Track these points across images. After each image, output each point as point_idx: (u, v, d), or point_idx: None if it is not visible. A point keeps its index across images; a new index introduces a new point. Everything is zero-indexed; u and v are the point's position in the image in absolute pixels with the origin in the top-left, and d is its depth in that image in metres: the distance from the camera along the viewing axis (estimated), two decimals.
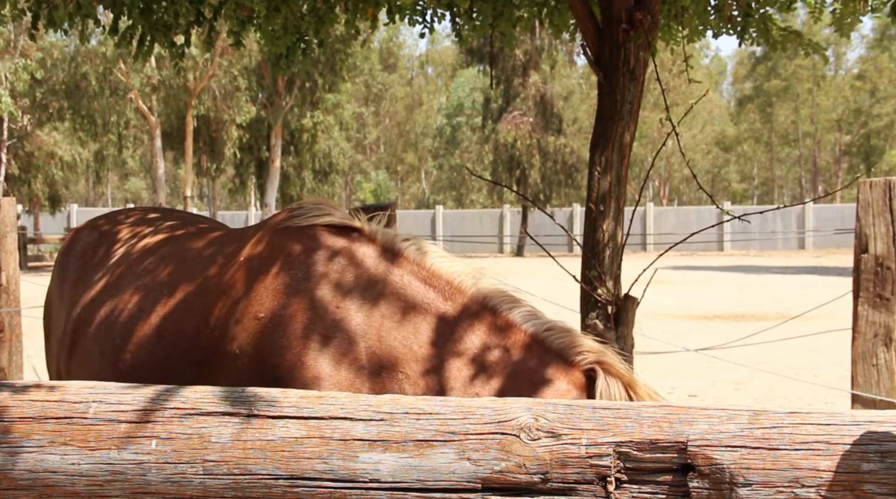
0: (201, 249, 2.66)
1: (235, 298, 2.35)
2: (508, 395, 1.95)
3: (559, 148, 36.30)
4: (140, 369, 2.39)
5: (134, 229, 3.07)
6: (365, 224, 2.44)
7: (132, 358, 2.47)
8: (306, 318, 2.22)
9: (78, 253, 3.11)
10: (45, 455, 1.63)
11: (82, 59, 30.40)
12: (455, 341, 2.16)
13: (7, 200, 5.43)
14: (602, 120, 3.89)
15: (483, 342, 2.16)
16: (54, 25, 4.57)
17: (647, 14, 3.75)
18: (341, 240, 2.38)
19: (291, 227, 2.45)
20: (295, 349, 2.19)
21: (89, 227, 3.24)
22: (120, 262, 2.85)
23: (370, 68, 40.78)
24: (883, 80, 51.70)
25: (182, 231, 2.92)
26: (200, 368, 2.32)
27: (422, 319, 2.20)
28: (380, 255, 2.34)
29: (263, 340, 2.23)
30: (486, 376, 2.12)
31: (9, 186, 33.17)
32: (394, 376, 2.15)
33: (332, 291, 2.26)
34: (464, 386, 2.11)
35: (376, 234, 2.41)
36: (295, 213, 2.52)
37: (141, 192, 61.90)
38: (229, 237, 2.69)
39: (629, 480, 1.50)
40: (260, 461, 1.58)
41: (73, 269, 3.08)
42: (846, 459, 1.45)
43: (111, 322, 2.60)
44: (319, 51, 5.49)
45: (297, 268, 2.31)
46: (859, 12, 4.32)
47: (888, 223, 3.59)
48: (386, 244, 2.37)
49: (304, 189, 35.60)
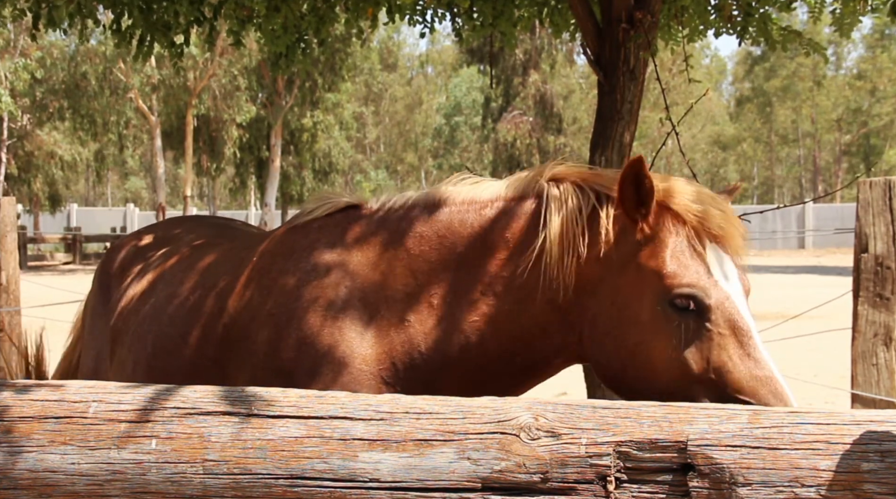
0: (222, 256, 2.72)
1: (249, 298, 2.41)
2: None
3: (559, 148, 36.30)
4: (171, 376, 2.41)
5: (167, 241, 3.13)
6: (363, 198, 2.50)
7: (162, 364, 2.54)
8: (321, 307, 2.27)
9: (117, 268, 3.15)
10: (46, 455, 1.63)
11: (82, 58, 30.38)
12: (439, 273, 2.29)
13: (7, 199, 5.43)
14: (602, 120, 3.89)
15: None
16: (54, 25, 4.57)
17: (647, 14, 3.75)
18: (340, 220, 2.44)
19: (297, 224, 2.52)
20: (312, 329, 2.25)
21: (127, 241, 3.30)
22: (152, 274, 2.91)
23: (370, 68, 40.76)
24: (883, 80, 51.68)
25: (210, 240, 2.98)
26: (221, 370, 2.39)
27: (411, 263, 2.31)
28: (377, 220, 2.40)
29: (279, 334, 2.29)
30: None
31: (9, 186, 33.15)
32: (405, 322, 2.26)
33: (338, 274, 2.32)
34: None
35: (374, 203, 2.46)
36: (301, 210, 2.60)
37: (141, 191, 61.87)
38: (247, 243, 2.74)
39: (629, 479, 1.50)
40: (260, 461, 1.58)
41: (111, 283, 3.13)
42: (846, 459, 1.45)
43: (143, 331, 2.67)
44: (319, 50, 5.50)
45: (304, 260, 2.37)
46: (859, 12, 4.32)
47: (888, 223, 3.59)
48: (382, 208, 2.43)
49: (305, 189, 35.58)
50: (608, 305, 2.12)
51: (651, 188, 2.08)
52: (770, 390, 1.92)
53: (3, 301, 5.33)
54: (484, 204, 2.32)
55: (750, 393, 1.92)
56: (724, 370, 1.96)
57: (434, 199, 2.39)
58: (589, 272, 2.15)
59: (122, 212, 43.13)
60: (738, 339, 1.99)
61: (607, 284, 2.13)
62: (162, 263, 2.93)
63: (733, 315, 2.01)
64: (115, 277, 3.13)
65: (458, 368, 2.24)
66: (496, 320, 2.23)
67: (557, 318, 2.18)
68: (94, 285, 3.27)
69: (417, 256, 2.30)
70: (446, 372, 2.24)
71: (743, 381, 1.94)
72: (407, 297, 2.28)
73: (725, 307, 2.01)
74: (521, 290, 2.21)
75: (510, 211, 2.28)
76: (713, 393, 1.95)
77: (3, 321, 5.35)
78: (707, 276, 2.04)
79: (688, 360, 1.99)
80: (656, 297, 2.04)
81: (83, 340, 3.26)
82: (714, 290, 2.02)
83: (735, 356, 1.97)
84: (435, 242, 2.31)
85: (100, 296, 3.16)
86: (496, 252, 2.25)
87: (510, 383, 2.28)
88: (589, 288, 2.15)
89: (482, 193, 2.34)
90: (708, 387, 1.97)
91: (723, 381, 1.95)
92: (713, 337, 1.99)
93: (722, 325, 1.99)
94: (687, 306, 2.01)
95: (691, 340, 2.00)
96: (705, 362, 1.97)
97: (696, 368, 1.98)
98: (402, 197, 2.43)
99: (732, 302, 2.03)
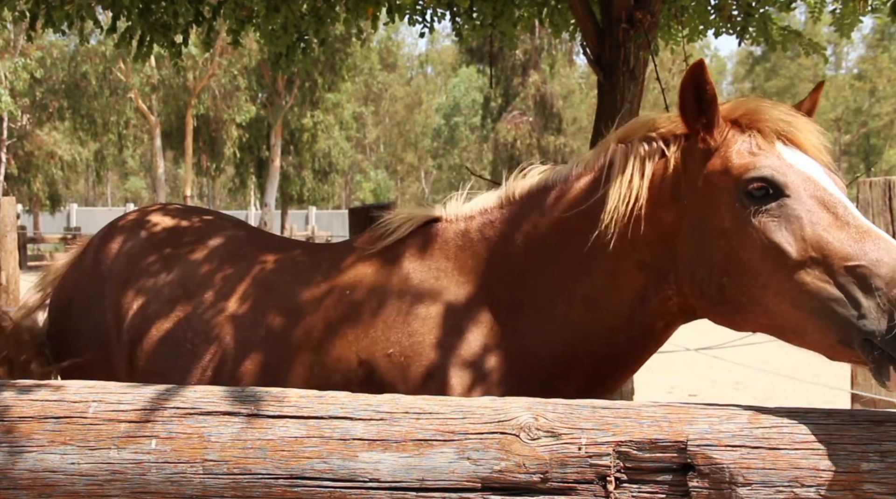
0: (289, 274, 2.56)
1: (352, 334, 2.32)
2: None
3: (559, 147, 36.30)
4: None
5: (188, 237, 2.88)
6: (442, 210, 2.46)
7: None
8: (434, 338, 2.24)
9: (124, 253, 2.86)
10: (45, 455, 1.63)
11: (82, 58, 30.41)
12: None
13: (7, 199, 5.44)
14: (602, 120, 3.89)
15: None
16: (53, 26, 4.57)
17: (647, 14, 3.75)
18: (425, 241, 2.41)
19: (381, 249, 2.45)
20: (440, 369, 2.21)
21: (133, 226, 2.99)
22: (188, 277, 2.69)
23: (370, 68, 40.76)
24: (882, 80, 51.69)
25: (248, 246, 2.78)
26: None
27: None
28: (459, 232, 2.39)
29: (404, 374, 2.23)
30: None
31: (8, 186, 33.15)
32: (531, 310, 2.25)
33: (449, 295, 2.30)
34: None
35: (451, 215, 2.44)
36: (377, 233, 2.52)
37: (141, 191, 61.86)
38: (313, 260, 2.60)
39: (629, 479, 1.50)
40: (260, 461, 1.58)
41: (118, 269, 2.84)
42: (846, 459, 1.45)
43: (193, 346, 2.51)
44: (319, 50, 5.49)
45: (407, 292, 2.32)
46: (859, 12, 4.32)
47: (888, 222, 3.59)
48: (459, 217, 2.42)
49: (304, 189, 35.59)
50: (691, 235, 2.02)
51: (714, 95, 1.97)
52: (879, 246, 1.73)
53: (3, 301, 5.33)
54: (560, 189, 2.28)
55: (859, 256, 1.73)
56: (824, 244, 1.79)
57: (509, 197, 2.36)
58: (667, 216, 2.08)
59: (121, 212, 43.07)
60: (829, 210, 1.83)
61: (686, 217, 2.04)
62: (194, 267, 2.71)
63: (816, 190, 1.86)
64: (122, 266, 2.84)
65: (573, 363, 2.20)
66: (597, 301, 2.17)
67: (650, 277, 2.12)
68: (87, 268, 2.94)
69: (511, 258, 2.29)
70: (562, 368, 2.21)
71: (847, 248, 1.75)
72: (513, 304, 2.25)
73: (806, 184, 1.87)
74: (611, 260, 2.14)
75: (584, 187, 2.23)
76: (825, 273, 1.77)
77: None
78: (779, 159, 1.92)
79: (783, 248, 1.83)
80: (731, 196, 1.93)
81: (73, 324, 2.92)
82: (789, 169, 1.89)
83: (831, 227, 1.80)
84: (521, 240, 2.29)
85: (98, 281, 2.87)
86: (579, 232, 2.19)
87: (616, 368, 2.24)
88: (671, 231, 2.07)
89: (555, 178, 2.31)
90: (815, 269, 1.79)
91: (827, 255, 1.77)
92: (801, 215, 1.84)
93: (807, 200, 1.85)
94: (765, 192, 1.88)
95: (780, 227, 1.85)
96: (802, 243, 1.82)
97: (794, 252, 1.82)
98: (477, 202, 2.41)
99: (812, 178, 1.88)
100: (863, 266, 1.71)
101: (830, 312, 1.75)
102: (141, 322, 2.67)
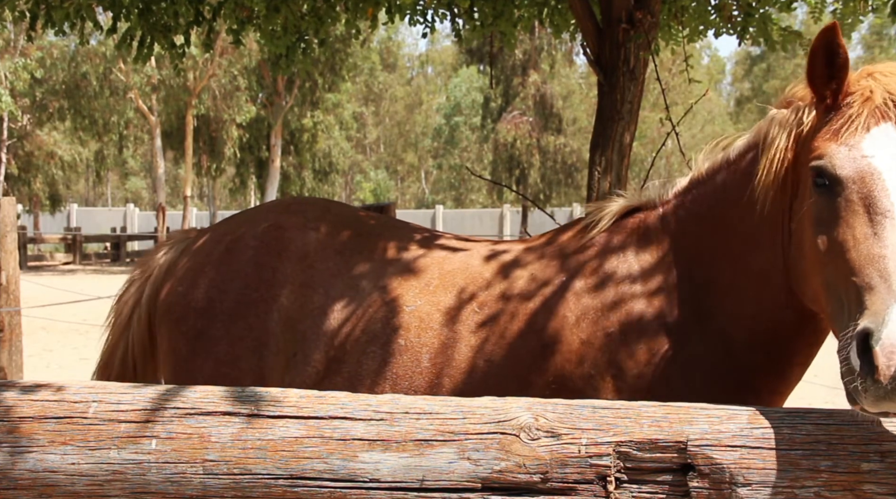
0: (499, 276, 2.55)
1: (585, 323, 2.36)
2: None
3: (559, 147, 36.28)
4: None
5: (364, 235, 2.79)
6: (641, 198, 2.49)
7: (450, 383, 2.42)
8: (648, 321, 2.28)
9: (296, 255, 2.72)
10: (46, 455, 1.63)
11: (82, 58, 30.39)
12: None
13: (7, 199, 5.44)
14: (602, 120, 3.89)
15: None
16: (53, 26, 4.57)
17: (647, 14, 3.75)
18: (634, 229, 2.45)
19: (594, 243, 2.49)
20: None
21: (298, 226, 2.81)
22: (380, 278, 2.63)
23: (370, 68, 40.74)
24: None
25: (436, 245, 2.76)
26: (531, 393, 2.26)
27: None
28: (659, 217, 2.42)
29: (620, 351, 2.27)
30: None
31: (9, 186, 33.15)
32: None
33: (656, 281, 2.33)
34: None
35: (650, 201, 2.47)
36: (587, 224, 2.56)
37: (141, 191, 61.85)
38: (518, 259, 2.59)
39: (629, 479, 1.50)
40: (260, 461, 1.58)
41: (292, 272, 2.70)
42: (846, 459, 1.45)
43: (413, 347, 2.49)
44: (319, 50, 5.49)
45: (627, 277, 2.36)
46: (859, 12, 4.32)
47: None
48: (659, 203, 2.45)
49: (305, 189, 35.57)
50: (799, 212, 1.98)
51: (846, 60, 1.85)
52: (878, 268, 1.62)
53: (3, 301, 5.33)
54: (735, 162, 2.28)
55: (858, 272, 1.65)
56: (842, 249, 1.71)
57: (700, 177, 2.36)
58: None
59: (122, 212, 43.10)
60: (870, 217, 1.69)
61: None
62: (385, 268, 2.66)
63: (871, 192, 1.72)
64: (297, 269, 2.69)
65: (758, 343, 2.19)
66: (767, 275, 2.13)
67: (780, 261, 2.09)
68: (251, 271, 2.72)
69: (702, 238, 2.31)
70: (748, 348, 2.21)
71: (856, 260, 1.66)
72: (705, 282, 2.26)
73: (864, 182, 1.74)
74: (773, 231, 2.11)
75: (750, 157, 2.21)
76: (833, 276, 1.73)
77: (3, 321, 5.35)
78: (849, 149, 1.79)
79: (817, 241, 1.79)
80: (810, 177, 1.87)
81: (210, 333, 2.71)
82: (851, 163, 1.77)
83: (860, 235, 1.69)
84: (708, 218, 2.30)
85: (268, 285, 2.69)
86: (748, 204, 2.16)
87: (793, 350, 2.22)
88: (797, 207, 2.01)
89: (732, 153, 2.31)
90: (829, 269, 1.75)
91: (838, 261, 1.71)
92: (840, 214, 1.74)
93: (855, 200, 1.73)
94: (823, 182, 1.81)
95: (824, 220, 1.79)
96: (829, 242, 1.76)
97: (822, 248, 1.77)
98: (673, 186, 2.43)
99: (875, 178, 1.73)
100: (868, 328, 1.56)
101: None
102: (339, 325, 2.59)
